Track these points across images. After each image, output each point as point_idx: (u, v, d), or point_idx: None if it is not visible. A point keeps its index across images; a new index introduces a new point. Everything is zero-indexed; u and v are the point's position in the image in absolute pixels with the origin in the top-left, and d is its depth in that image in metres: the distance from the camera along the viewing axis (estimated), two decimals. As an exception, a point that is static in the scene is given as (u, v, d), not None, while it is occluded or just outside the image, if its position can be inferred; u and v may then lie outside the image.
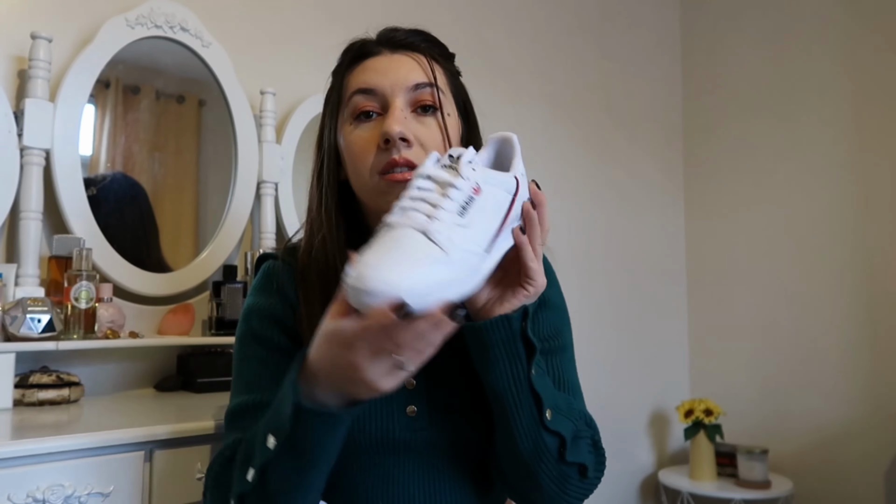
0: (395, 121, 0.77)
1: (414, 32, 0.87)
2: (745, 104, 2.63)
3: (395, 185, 0.76)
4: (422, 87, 0.81)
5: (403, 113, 0.79)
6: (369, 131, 0.80)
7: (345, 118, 0.84)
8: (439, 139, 0.80)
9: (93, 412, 1.12)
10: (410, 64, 0.83)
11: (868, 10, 2.33)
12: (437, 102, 0.81)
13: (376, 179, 0.79)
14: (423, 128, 0.80)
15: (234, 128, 1.56)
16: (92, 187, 1.37)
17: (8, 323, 1.15)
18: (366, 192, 0.81)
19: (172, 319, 1.42)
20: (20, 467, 0.85)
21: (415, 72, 0.82)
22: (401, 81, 0.81)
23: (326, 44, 1.80)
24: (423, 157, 0.75)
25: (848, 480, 2.26)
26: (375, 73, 0.82)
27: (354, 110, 0.82)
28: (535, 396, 0.73)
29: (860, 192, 2.32)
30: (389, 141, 0.77)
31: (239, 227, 1.56)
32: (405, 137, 0.77)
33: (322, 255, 0.81)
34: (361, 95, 0.81)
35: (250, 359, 0.82)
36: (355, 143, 0.81)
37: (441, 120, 0.81)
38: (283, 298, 0.83)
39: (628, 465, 2.49)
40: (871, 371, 2.25)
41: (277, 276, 0.85)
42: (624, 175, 2.59)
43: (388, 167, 0.78)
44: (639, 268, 2.60)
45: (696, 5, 2.84)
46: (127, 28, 1.41)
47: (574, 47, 2.48)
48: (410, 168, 0.77)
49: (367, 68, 0.83)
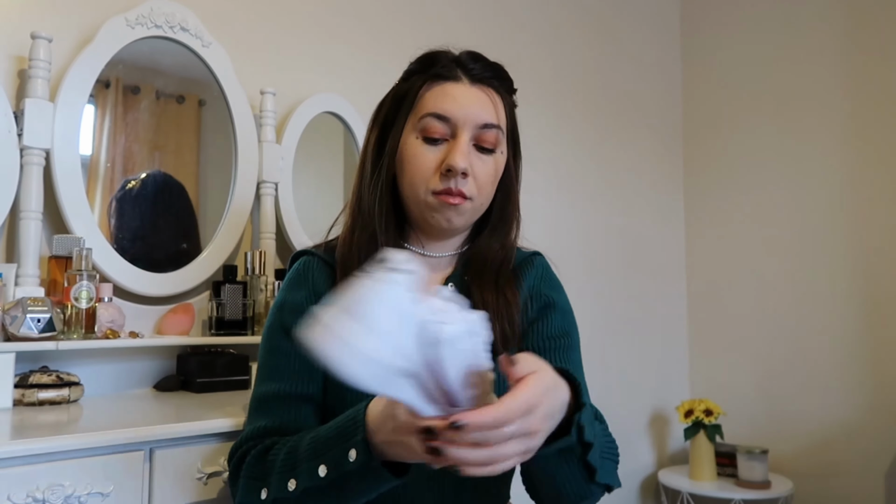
0: (461, 156, 0.86)
1: (492, 67, 0.92)
2: (746, 106, 2.63)
3: (444, 206, 0.86)
4: (489, 127, 0.89)
5: (468, 147, 0.87)
6: (435, 155, 0.88)
7: (413, 130, 0.90)
8: (491, 174, 0.90)
9: (93, 412, 1.12)
10: (484, 101, 0.89)
11: (868, 13, 2.33)
12: (497, 144, 0.90)
13: (430, 198, 0.87)
14: (480, 164, 0.88)
15: (234, 128, 1.56)
16: (133, 182, 1.42)
17: (8, 323, 1.15)
18: (414, 201, 0.89)
19: (172, 319, 1.42)
20: (20, 467, 0.85)
21: (486, 110, 0.89)
22: (472, 118, 0.88)
23: (326, 44, 1.81)
24: (474, 189, 0.87)
25: (848, 480, 2.26)
26: (453, 103, 0.88)
27: (425, 129, 0.88)
28: (589, 468, 0.75)
29: (860, 192, 2.32)
30: (451, 171, 0.85)
31: (239, 227, 1.56)
32: (466, 173, 0.86)
33: (369, 241, 0.89)
34: (436, 120, 0.88)
35: (278, 349, 0.89)
36: (419, 160, 0.88)
37: (498, 159, 0.91)
38: (315, 295, 0.90)
39: (628, 465, 2.49)
40: (871, 371, 2.25)
41: (311, 273, 0.92)
42: (624, 175, 2.59)
43: (443, 192, 0.86)
44: (639, 268, 2.60)
45: (697, 5, 2.83)
46: (127, 28, 1.41)
47: (574, 48, 2.47)
48: (462, 197, 0.86)
49: (447, 94, 0.89)
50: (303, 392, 0.87)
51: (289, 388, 0.86)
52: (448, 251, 0.95)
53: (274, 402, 0.86)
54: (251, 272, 1.52)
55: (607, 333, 2.44)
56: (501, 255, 0.94)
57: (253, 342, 1.43)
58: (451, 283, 0.93)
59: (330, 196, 1.81)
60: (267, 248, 1.57)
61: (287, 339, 0.88)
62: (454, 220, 0.88)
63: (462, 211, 0.88)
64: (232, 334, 1.45)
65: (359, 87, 1.84)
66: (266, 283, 1.52)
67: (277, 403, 0.86)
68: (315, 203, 1.74)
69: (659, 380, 2.63)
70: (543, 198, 2.30)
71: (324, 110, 1.74)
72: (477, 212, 0.91)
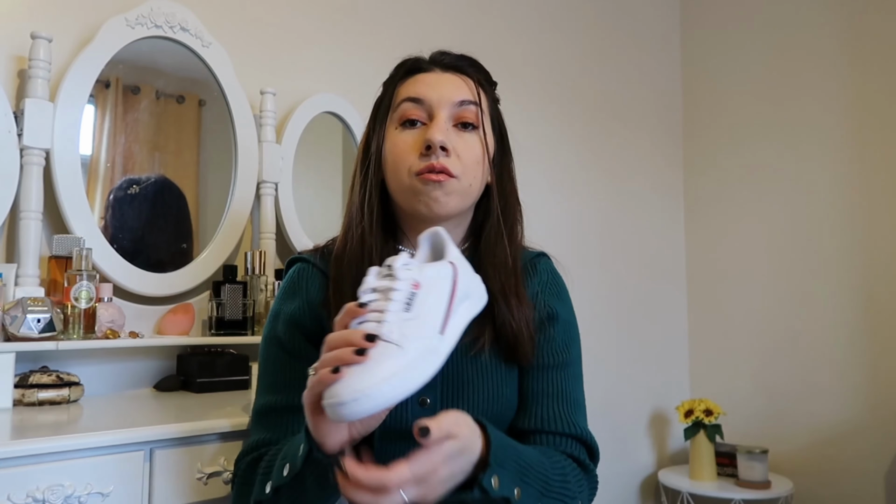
0: (438, 130, 0.86)
1: (463, 57, 0.94)
2: (746, 106, 2.63)
3: (428, 185, 0.85)
4: (466, 104, 0.89)
5: (446, 125, 0.87)
6: (413, 136, 0.88)
7: (391, 122, 0.91)
8: (475, 154, 0.89)
9: (93, 412, 1.12)
10: (458, 82, 0.91)
11: (868, 15, 2.33)
12: (478, 121, 0.90)
13: (413, 180, 0.86)
14: (461, 141, 0.88)
15: (234, 128, 1.56)
16: (135, 185, 1.42)
17: (8, 323, 1.15)
18: (401, 191, 0.88)
19: (172, 319, 1.42)
20: (20, 467, 0.85)
21: (461, 90, 0.90)
22: (447, 96, 0.88)
23: (326, 44, 1.81)
24: (458, 166, 0.86)
25: (848, 480, 2.26)
26: (426, 86, 0.90)
27: (402, 116, 0.89)
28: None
29: (860, 191, 2.32)
30: (431, 147, 0.85)
31: (239, 227, 1.56)
32: (445, 146, 0.85)
33: (359, 245, 0.88)
34: (410, 103, 0.89)
35: (274, 360, 0.90)
36: (398, 144, 0.88)
37: (482, 136, 0.90)
38: (309, 303, 0.90)
39: (628, 465, 2.49)
40: (871, 371, 2.25)
41: (305, 280, 0.92)
42: (624, 175, 2.59)
43: (425, 170, 0.85)
44: (639, 268, 2.60)
45: (697, 5, 2.83)
46: (127, 28, 1.41)
47: (574, 48, 2.47)
48: (445, 174, 0.85)
49: (418, 81, 0.91)
50: (300, 403, 0.87)
51: (286, 400, 0.86)
52: None
53: (273, 415, 0.86)
54: (251, 272, 1.52)
55: (607, 333, 2.44)
56: (508, 254, 0.91)
57: (253, 342, 1.43)
58: None
59: (330, 196, 1.81)
60: (267, 248, 1.57)
61: (282, 350, 0.89)
62: (441, 199, 0.86)
63: (448, 189, 0.86)
64: (232, 334, 1.45)
65: (359, 87, 1.84)
66: (266, 283, 1.52)
67: (276, 416, 0.86)
68: (315, 203, 1.74)
69: (659, 380, 2.63)
70: (543, 198, 2.30)
71: (324, 110, 1.74)
72: (466, 195, 0.88)
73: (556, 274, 0.99)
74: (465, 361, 0.86)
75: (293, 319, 0.89)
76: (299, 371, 0.87)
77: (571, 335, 0.95)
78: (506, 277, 0.89)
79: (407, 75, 0.93)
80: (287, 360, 0.88)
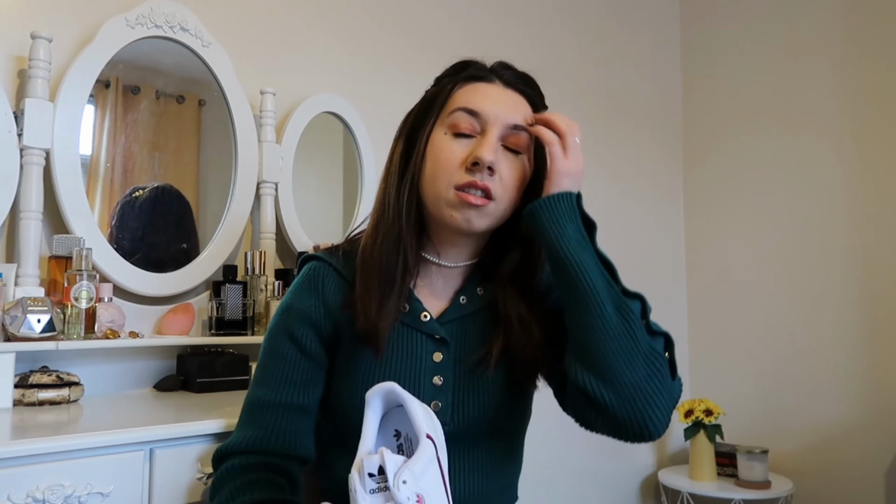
0: (489, 149, 0.83)
1: (525, 76, 0.93)
2: (746, 106, 2.63)
3: (465, 205, 0.83)
4: (519, 129, 0.87)
5: (497, 144, 0.85)
6: (462, 148, 0.85)
7: (442, 126, 0.88)
8: (516, 178, 0.87)
9: (93, 412, 1.12)
10: (517, 103, 0.89)
11: (869, 16, 2.33)
12: (526, 149, 0.88)
13: (451, 193, 0.84)
14: (507, 165, 0.86)
15: (234, 128, 1.56)
16: (140, 191, 1.43)
17: (8, 323, 1.15)
18: (434, 198, 0.86)
19: (172, 319, 1.42)
20: (20, 467, 0.85)
21: (518, 113, 0.88)
22: (503, 117, 0.86)
23: (326, 44, 1.81)
24: (500, 189, 0.84)
25: (848, 480, 2.26)
26: (486, 99, 0.87)
27: (455, 124, 0.86)
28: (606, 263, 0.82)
29: (859, 191, 2.32)
30: (478, 164, 0.83)
31: (239, 227, 1.56)
32: (492, 167, 0.83)
33: (394, 245, 0.86)
34: (466, 114, 0.86)
35: (278, 353, 0.89)
36: (445, 153, 0.86)
37: (525, 164, 0.89)
38: (323, 302, 0.89)
39: (628, 465, 2.49)
40: (871, 371, 2.25)
41: (322, 282, 0.91)
42: (624, 175, 2.59)
43: (467, 185, 0.83)
44: (639, 268, 2.59)
45: (697, 6, 2.83)
46: (127, 28, 1.41)
47: (574, 47, 2.47)
48: (486, 195, 0.83)
49: (479, 92, 0.88)
50: (297, 402, 0.87)
51: (283, 396, 0.86)
52: (462, 261, 0.93)
53: (267, 409, 0.86)
54: (251, 272, 1.52)
55: (607, 333, 2.43)
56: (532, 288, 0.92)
57: (253, 342, 1.43)
58: (462, 296, 0.92)
59: (330, 196, 1.81)
60: (267, 248, 1.57)
61: (289, 345, 0.88)
62: (474, 222, 0.85)
63: (484, 213, 0.85)
64: (232, 334, 1.45)
65: (359, 87, 1.84)
66: (266, 282, 1.52)
67: (270, 412, 0.86)
68: (315, 203, 1.74)
69: (659, 380, 2.63)
70: (543, 198, 2.30)
71: (324, 110, 1.74)
72: (498, 218, 0.87)
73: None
74: (473, 377, 0.89)
75: (307, 316, 0.89)
76: (302, 368, 0.88)
77: None
78: (524, 306, 0.90)
79: (467, 80, 0.89)
80: (293, 355, 0.88)
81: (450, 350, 0.89)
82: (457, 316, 0.91)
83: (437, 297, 0.93)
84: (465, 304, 0.92)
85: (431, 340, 0.89)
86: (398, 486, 0.65)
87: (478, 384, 0.88)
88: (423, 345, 0.89)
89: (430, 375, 0.88)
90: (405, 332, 0.89)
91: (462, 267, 0.93)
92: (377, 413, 0.72)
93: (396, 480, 0.65)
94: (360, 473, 0.65)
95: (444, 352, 0.89)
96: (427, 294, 0.92)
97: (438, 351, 0.89)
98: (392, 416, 0.73)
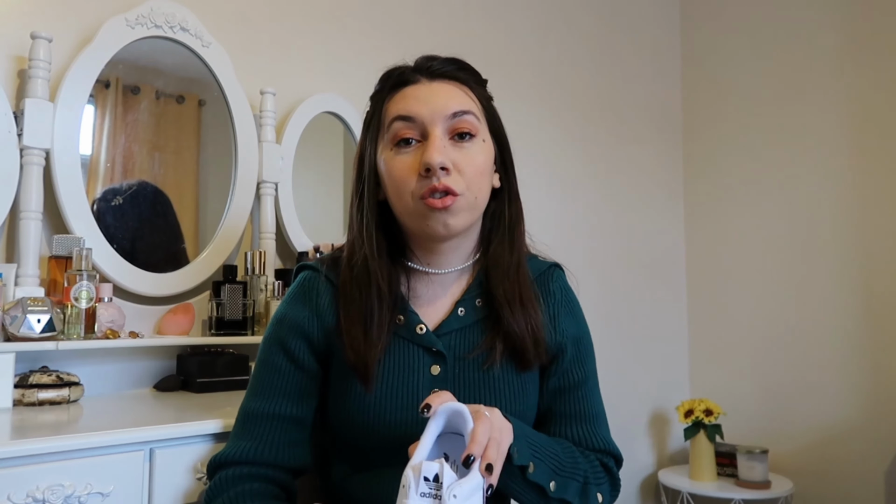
0: (435, 151, 0.81)
1: (450, 61, 0.90)
2: (746, 105, 2.63)
3: (434, 211, 0.82)
4: (459, 115, 0.85)
5: (442, 142, 0.83)
6: (410, 158, 0.84)
7: (385, 143, 0.87)
8: (477, 165, 0.85)
9: (93, 412, 1.12)
10: (449, 92, 0.86)
11: (868, 16, 2.33)
12: (475, 129, 0.85)
13: (417, 203, 0.83)
14: (461, 154, 0.84)
15: (234, 128, 1.56)
16: (118, 197, 1.40)
17: (8, 323, 1.15)
18: (406, 214, 0.85)
19: (172, 319, 1.42)
20: (20, 467, 0.85)
21: (453, 100, 0.85)
22: (439, 110, 0.84)
23: (326, 44, 1.81)
24: (461, 182, 0.82)
25: (848, 480, 2.26)
26: (416, 102, 0.85)
27: (395, 136, 0.85)
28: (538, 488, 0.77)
29: (860, 191, 2.32)
30: (430, 169, 0.81)
31: (239, 227, 1.56)
32: (445, 167, 0.81)
33: (364, 273, 0.86)
34: (401, 122, 0.85)
35: (272, 365, 0.88)
36: (396, 168, 0.84)
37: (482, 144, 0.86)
38: (316, 313, 0.89)
39: (628, 465, 2.48)
40: (871, 371, 2.25)
41: (314, 291, 0.90)
42: (624, 175, 2.59)
43: (428, 193, 0.81)
44: (639, 268, 2.60)
45: (697, 6, 2.83)
46: (127, 28, 1.41)
47: (574, 47, 2.47)
48: (449, 194, 0.81)
49: (407, 96, 0.86)
50: (291, 413, 0.87)
51: (277, 408, 0.86)
52: (454, 266, 0.91)
53: (261, 420, 0.86)
54: (251, 272, 1.52)
55: (607, 333, 2.44)
56: (514, 260, 0.90)
57: (253, 342, 1.43)
58: (461, 308, 0.90)
59: (330, 196, 1.81)
60: (267, 248, 1.57)
61: (282, 356, 0.88)
62: (451, 223, 0.83)
63: (455, 210, 0.83)
64: (232, 334, 1.45)
65: (359, 87, 1.83)
66: (266, 283, 1.52)
67: (264, 423, 0.86)
68: (315, 203, 1.74)
69: (659, 380, 2.63)
70: (543, 198, 2.30)
71: (324, 110, 1.74)
72: (474, 208, 0.86)
73: (568, 290, 0.98)
74: (479, 376, 0.87)
75: (300, 328, 0.88)
76: (295, 380, 0.87)
77: (586, 349, 0.96)
78: (510, 284, 0.89)
79: (394, 89, 0.88)
80: (285, 366, 0.88)
81: (447, 363, 0.88)
82: (454, 328, 0.90)
83: (434, 306, 0.91)
84: (462, 315, 0.90)
85: (428, 353, 0.88)
86: (449, 497, 0.67)
87: (476, 397, 0.87)
88: (420, 358, 0.87)
89: (427, 389, 0.86)
90: (401, 346, 0.88)
91: (457, 271, 0.92)
92: (439, 427, 0.73)
93: (448, 493, 0.67)
94: (417, 475, 0.67)
95: (441, 364, 0.87)
96: (423, 304, 0.91)
97: (436, 364, 0.87)
98: (447, 439, 0.74)
